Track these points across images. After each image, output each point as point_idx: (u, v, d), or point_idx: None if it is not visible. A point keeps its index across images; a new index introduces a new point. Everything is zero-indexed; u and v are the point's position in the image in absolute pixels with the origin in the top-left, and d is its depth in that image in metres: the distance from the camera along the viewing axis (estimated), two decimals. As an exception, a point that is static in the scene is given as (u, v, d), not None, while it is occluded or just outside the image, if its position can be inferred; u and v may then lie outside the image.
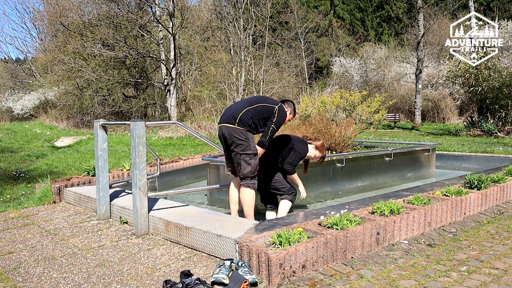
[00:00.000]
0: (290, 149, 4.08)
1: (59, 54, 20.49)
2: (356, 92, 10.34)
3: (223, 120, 3.69)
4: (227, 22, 21.04)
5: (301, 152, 4.12)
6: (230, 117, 3.63)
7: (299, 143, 4.16)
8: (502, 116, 14.52)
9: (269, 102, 3.78)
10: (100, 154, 4.15)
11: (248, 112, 3.63)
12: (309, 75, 33.19)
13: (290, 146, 4.10)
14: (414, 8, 30.20)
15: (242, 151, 3.60)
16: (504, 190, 4.60)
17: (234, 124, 3.59)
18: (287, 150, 4.08)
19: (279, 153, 4.08)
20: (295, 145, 4.11)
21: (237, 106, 3.74)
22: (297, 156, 4.08)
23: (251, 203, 3.76)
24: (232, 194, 3.94)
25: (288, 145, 4.09)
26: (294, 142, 4.13)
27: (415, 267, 2.76)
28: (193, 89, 22.19)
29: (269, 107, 3.71)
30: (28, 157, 9.43)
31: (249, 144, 3.60)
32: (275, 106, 3.75)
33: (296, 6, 31.87)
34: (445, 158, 8.38)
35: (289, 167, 4.04)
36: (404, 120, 23.93)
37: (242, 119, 3.59)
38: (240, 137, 3.58)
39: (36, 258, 3.11)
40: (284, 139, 4.17)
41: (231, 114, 3.65)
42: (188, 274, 2.58)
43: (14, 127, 19.21)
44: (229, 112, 3.71)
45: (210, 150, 9.76)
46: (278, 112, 3.71)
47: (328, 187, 5.65)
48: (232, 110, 3.71)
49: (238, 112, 3.63)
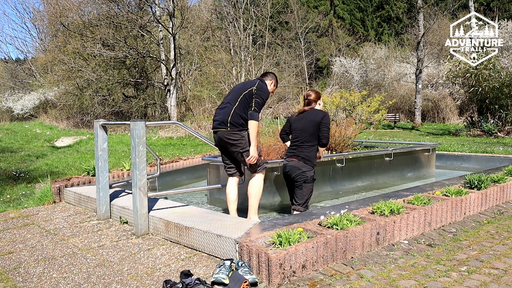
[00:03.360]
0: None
1: (59, 54, 20.48)
2: (356, 92, 10.34)
3: (216, 126, 3.83)
4: (227, 22, 21.04)
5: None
6: (221, 122, 3.77)
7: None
8: (502, 116, 14.52)
9: (248, 86, 3.80)
10: (100, 154, 4.15)
11: (236, 112, 3.71)
12: (309, 75, 33.20)
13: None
14: (414, 8, 30.20)
15: (242, 149, 3.76)
16: (504, 190, 4.60)
17: (227, 128, 3.72)
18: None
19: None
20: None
21: (225, 110, 3.78)
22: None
23: (258, 196, 3.87)
24: (230, 194, 3.97)
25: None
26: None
27: (415, 267, 2.76)
28: (193, 89, 22.18)
29: (249, 91, 3.75)
30: (28, 157, 9.43)
31: (246, 141, 3.76)
32: (253, 86, 3.77)
33: (296, 6, 31.88)
34: (445, 158, 8.38)
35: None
36: (404, 120, 23.93)
37: (232, 121, 3.71)
38: (235, 138, 3.73)
39: (36, 258, 3.11)
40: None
41: (221, 119, 3.77)
42: (188, 274, 2.58)
43: (14, 127, 19.21)
44: (218, 116, 3.81)
45: (210, 150, 9.76)
46: (257, 89, 3.74)
47: (328, 187, 5.65)
48: (221, 115, 3.80)
49: (227, 116, 3.74)
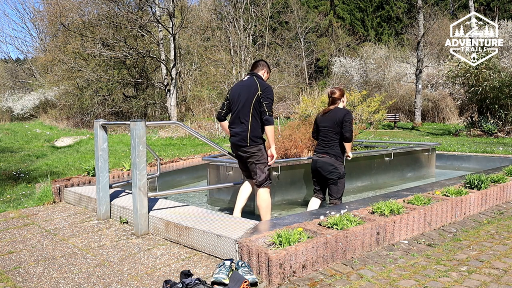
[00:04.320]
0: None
1: (59, 54, 20.49)
2: (356, 92, 10.33)
3: (235, 143, 3.84)
4: (227, 22, 21.03)
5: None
6: (241, 139, 3.79)
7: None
8: (502, 116, 14.52)
9: (252, 90, 3.74)
10: (100, 154, 4.15)
11: (253, 126, 3.75)
12: (309, 75, 33.19)
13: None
14: (414, 8, 30.20)
15: (256, 161, 3.83)
16: (504, 190, 4.60)
17: (247, 144, 3.77)
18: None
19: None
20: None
21: (243, 127, 3.76)
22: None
23: (268, 208, 3.91)
24: (242, 191, 4.08)
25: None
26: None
27: (415, 267, 2.76)
28: (193, 89, 22.19)
29: (256, 99, 3.71)
30: (28, 157, 9.43)
31: (262, 154, 3.85)
32: (257, 91, 3.72)
33: (296, 6, 31.87)
34: (445, 158, 8.37)
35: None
36: (404, 120, 23.93)
37: (252, 137, 3.76)
38: (253, 151, 3.81)
39: (36, 258, 3.11)
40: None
41: (241, 136, 3.78)
42: (188, 274, 2.58)
43: (14, 127, 19.21)
44: (237, 130, 3.81)
45: (210, 150, 9.76)
46: (263, 92, 3.72)
47: (328, 187, 5.64)
48: (238, 129, 3.79)
49: (246, 133, 3.76)
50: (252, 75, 3.90)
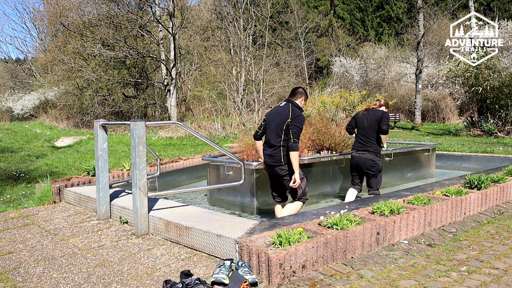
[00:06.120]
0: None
1: (59, 54, 20.47)
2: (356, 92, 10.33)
3: (271, 163, 3.94)
4: (227, 22, 21.02)
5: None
6: (276, 160, 3.88)
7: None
8: (502, 116, 14.52)
9: (284, 116, 3.85)
10: (100, 154, 4.15)
11: (284, 148, 3.84)
12: (309, 75, 33.19)
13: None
14: (414, 8, 30.20)
15: (291, 178, 3.87)
16: (504, 190, 4.60)
17: (282, 164, 3.87)
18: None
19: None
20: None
21: (277, 151, 3.89)
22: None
23: (292, 213, 4.01)
24: (277, 212, 4.18)
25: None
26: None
27: (415, 267, 2.76)
28: (193, 89, 22.18)
29: (286, 125, 3.82)
30: (28, 157, 9.43)
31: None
32: (288, 118, 3.82)
33: (296, 6, 31.85)
34: (445, 158, 8.37)
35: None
36: (404, 120, 23.93)
37: (285, 156, 3.85)
38: (287, 169, 3.88)
39: (36, 258, 3.11)
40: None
41: (275, 158, 3.88)
42: (188, 274, 2.58)
43: (14, 127, 19.20)
44: (268, 152, 3.94)
45: (210, 150, 9.76)
46: (293, 119, 3.81)
47: (328, 187, 5.65)
48: (269, 150, 3.93)
49: (277, 154, 3.89)
50: (289, 101, 4.00)
